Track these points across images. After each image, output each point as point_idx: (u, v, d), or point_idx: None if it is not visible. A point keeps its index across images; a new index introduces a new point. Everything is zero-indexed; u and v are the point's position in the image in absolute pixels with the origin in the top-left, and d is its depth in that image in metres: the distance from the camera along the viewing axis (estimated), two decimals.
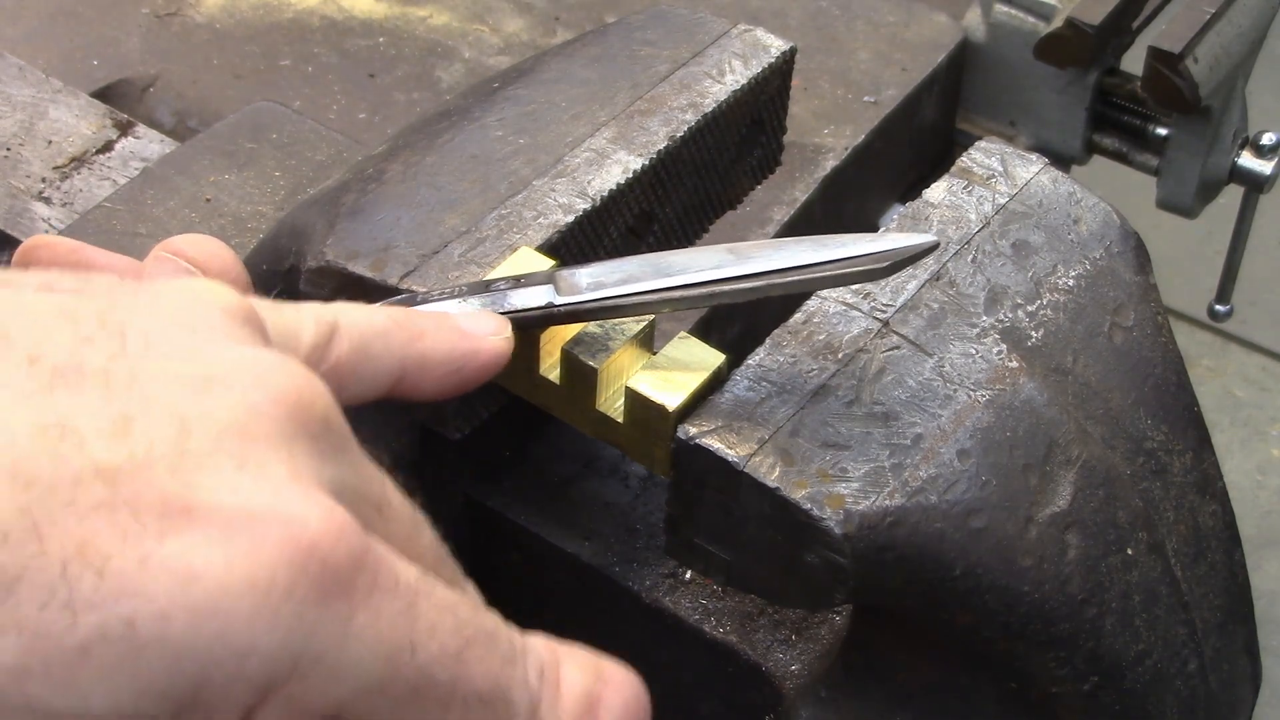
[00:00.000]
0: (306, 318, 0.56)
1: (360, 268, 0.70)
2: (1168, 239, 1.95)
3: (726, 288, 0.66)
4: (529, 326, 0.67)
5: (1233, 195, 1.29)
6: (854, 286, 0.72)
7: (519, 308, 0.66)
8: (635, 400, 0.68)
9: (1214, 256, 1.41)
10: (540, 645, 0.54)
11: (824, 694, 0.76)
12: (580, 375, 0.69)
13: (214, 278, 0.58)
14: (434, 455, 0.79)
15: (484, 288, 0.67)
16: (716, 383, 0.68)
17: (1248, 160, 1.23)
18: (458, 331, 0.62)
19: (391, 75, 1.21)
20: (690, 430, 0.66)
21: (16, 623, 0.42)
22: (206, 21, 1.25)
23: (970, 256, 0.74)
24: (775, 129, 0.86)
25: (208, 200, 0.94)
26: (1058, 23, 1.17)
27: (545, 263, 0.70)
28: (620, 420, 0.69)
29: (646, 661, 0.82)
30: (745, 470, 0.65)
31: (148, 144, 1.02)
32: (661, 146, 0.78)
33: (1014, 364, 0.71)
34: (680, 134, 0.79)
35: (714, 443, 0.66)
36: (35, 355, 0.45)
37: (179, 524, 0.44)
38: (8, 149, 1.01)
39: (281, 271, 0.81)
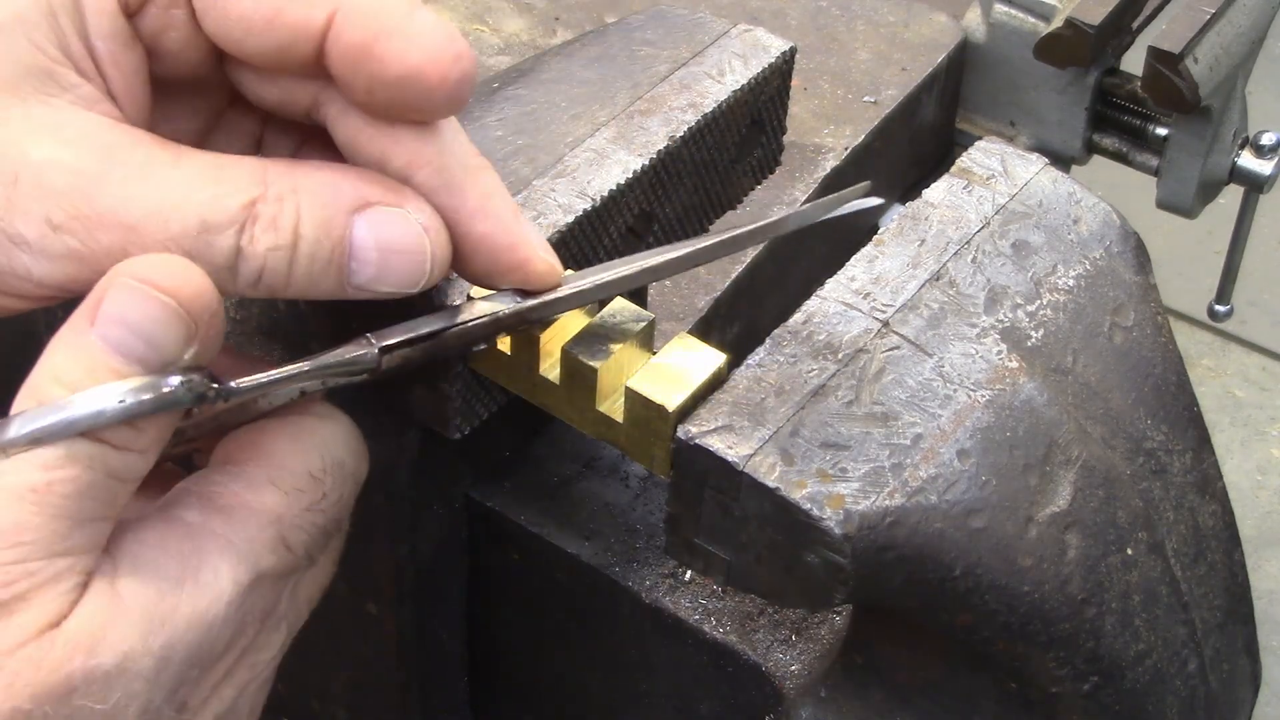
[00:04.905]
0: None
1: None
2: (1168, 239, 1.96)
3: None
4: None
5: (1233, 195, 1.29)
6: (855, 288, 0.72)
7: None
8: (635, 400, 0.68)
9: (1214, 256, 1.41)
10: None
11: (824, 694, 0.76)
12: (580, 375, 0.69)
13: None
14: (434, 455, 0.79)
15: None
16: (716, 383, 0.68)
17: (1248, 160, 1.23)
18: None
19: None
20: (690, 430, 0.66)
21: None
22: None
23: (970, 256, 0.74)
24: (775, 129, 0.86)
25: None
26: (1058, 23, 1.17)
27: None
28: (620, 420, 0.69)
29: (646, 661, 0.82)
30: (745, 470, 0.65)
31: None
32: (661, 146, 0.78)
33: (1014, 364, 0.71)
34: (680, 134, 0.79)
35: (714, 443, 0.66)
36: None
37: None
38: None
39: None
